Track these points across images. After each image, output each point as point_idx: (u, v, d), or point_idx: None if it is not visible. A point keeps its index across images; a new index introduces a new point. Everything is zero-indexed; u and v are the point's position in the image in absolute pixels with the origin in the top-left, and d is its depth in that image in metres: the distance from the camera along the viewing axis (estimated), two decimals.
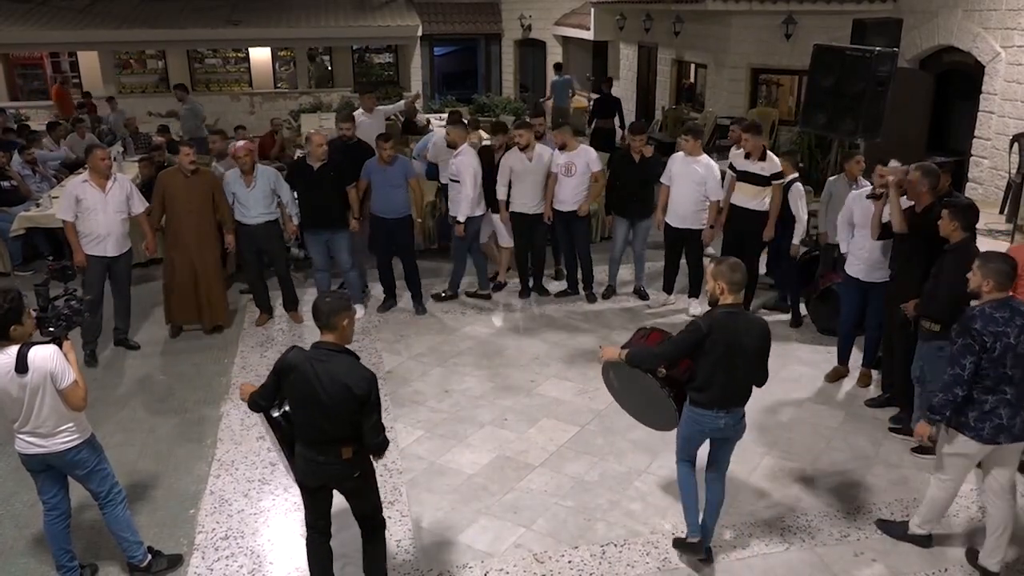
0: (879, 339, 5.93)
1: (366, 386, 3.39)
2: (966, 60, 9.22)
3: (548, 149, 7.50)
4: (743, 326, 3.82)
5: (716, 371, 3.81)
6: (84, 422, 3.85)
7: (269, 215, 6.94)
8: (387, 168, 7.12)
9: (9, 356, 3.54)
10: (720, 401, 3.87)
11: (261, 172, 6.89)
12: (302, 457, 3.57)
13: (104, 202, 6.28)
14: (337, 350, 3.46)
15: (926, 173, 5.17)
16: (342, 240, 7.14)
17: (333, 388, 3.36)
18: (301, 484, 3.68)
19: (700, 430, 3.99)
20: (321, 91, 19.88)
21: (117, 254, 6.45)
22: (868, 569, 4.22)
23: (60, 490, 3.94)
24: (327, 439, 3.47)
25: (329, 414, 3.40)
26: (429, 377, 6.33)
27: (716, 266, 3.85)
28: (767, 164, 6.91)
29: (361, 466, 3.59)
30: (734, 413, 3.94)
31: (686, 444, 4.12)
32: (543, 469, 5.10)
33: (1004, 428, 3.88)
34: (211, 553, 4.34)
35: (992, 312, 3.82)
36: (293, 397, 3.49)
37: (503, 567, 4.22)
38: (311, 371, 3.39)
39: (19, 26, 17.69)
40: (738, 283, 3.81)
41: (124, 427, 5.65)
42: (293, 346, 3.60)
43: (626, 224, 7.55)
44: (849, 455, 5.26)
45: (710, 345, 3.77)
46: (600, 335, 7.07)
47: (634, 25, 15.87)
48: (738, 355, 3.79)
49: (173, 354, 6.81)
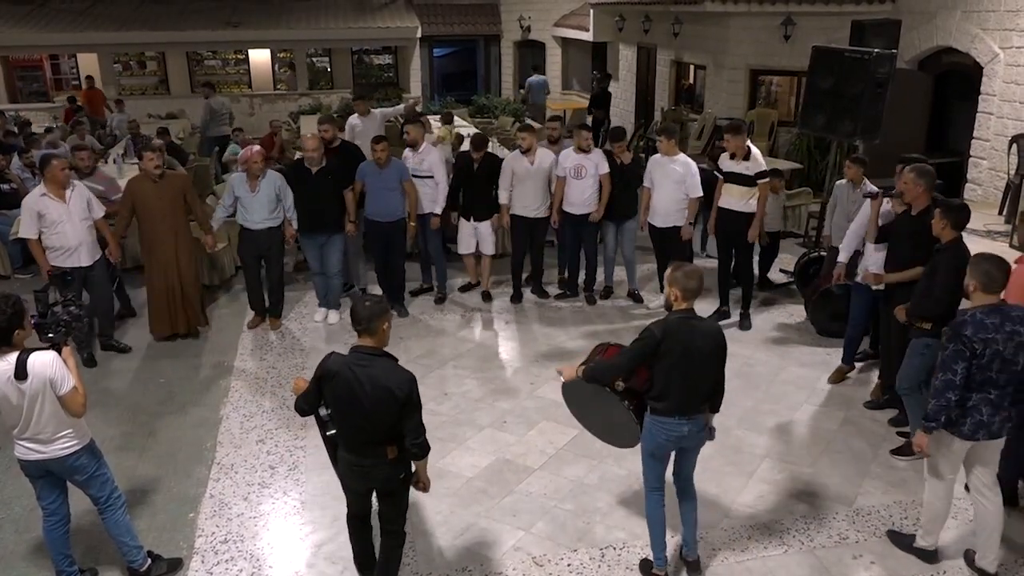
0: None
1: (407, 387, 3.43)
2: (965, 61, 9.22)
3: (550, 153, 7.51)
4: (698, 331, 3.77)
5: (672, 376, 3.74)
6: (83, 427, 3.85)
7: (272, 221, 6.93)
8: (382, 171, 7.13)
9: (8, 362, 3.54)
10: (680, 407, 3.79)
11: (268, 177, 6.88)
12: (346, 463, 3.62)
13: (68, 212, 6.13)
14: (377, 354, 3.50)
15: (920, 174, 5.18)
16: (336, 243, 7.16)
17: (375, 392, 3.40)
18: (345, 485, 3.75)
19: (664, 439, 3.88)
20: (321, 93, 19.89)
21: (91, 262, 6.35)
22: (866, 572, 4.22)
23: (59, 496, 3.94)
24: (371, 441, 3.52)
25: (371, 417, 3.44)
26: (428, 380, 6.33)
27: (672, 272, 3.80)
28: (751, 163, 6.91)
29: (405, 467, 3.66)
30: (695, 420, 3.86)
31: (652, 462, 4.00)
32: (542, 472, 5.10)
33: (983, 425, 3.94)
34: (211, 557, 4.34)
35: (983, 318, 3.83)
36: (335, 402, 3.52)
37: (502, 570, 4.23)
38: (352, 376, 3.42)
39: (19, 28, 17.70)
40: (693, 290, 3.75)
41: (123, 431, 5.65)
42: (332, 352, 3.60)
43: (613, 226, 7.59)
44: (848, 457, 5.27)
45: (665, 350, 3.71)
46: (599, 337, 7.08)
47: (633, 26, 15.88)
48: (694, 359, 3.73)
49: (172, 357, 6.81)
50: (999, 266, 3.88)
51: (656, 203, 7.29)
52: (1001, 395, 3.91)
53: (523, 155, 7.38)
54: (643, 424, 3.94)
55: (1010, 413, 3.97)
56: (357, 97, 9.75)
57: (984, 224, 7.25)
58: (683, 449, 4.00)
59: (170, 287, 6.80)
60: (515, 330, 7.31)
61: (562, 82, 20.01)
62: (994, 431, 3.96)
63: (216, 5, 19.21)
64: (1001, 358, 3.82)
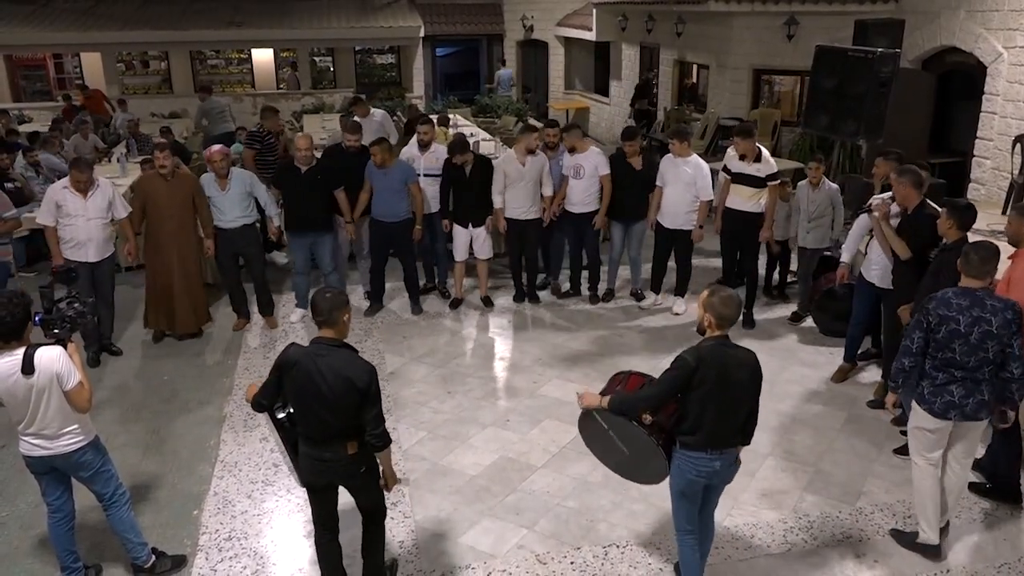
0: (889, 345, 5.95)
1: (367, 378, 3.44)
2: (968, 61, 9.21)
3: (542, 155, 7.42)
4: (733, 359, 3.53)
5: (707, 408, 3.49)
6: (88, 424, 3.86)
7: (246, 218, 6.90)
8: (386, 172, 7.13)
9: (15, 357, 3.56)
10: (713, 441, 3.54)
11: (236, 175, 6.86)
12: (307, 457, 3.59)
13: (84, 208, 6.22)
14: (337, 344, 3.51)
15: (901, 172, 5.26)
16: (326, 243, 7.15)
17: (335, 382, 3.40)
18: (308, 485, 3.70)
19: (695, 477, 3.62)
20: (324, 92, 19.91)
21: (99, 259, 6.38)
22: (870, 571, 4.22)
23: (64, 492, 3.95)
24: (331, 435, 3.50)
25: (332, 408, 3.43)
26: (431, 378, 6.34)
27: (708, 296, 3.55)
28: (762, 165, 6.91)
29: (366, 461, 3.63)
30: (727, 455, 3.62)
31: (682, 502, 3.74)
32: (545, 470, 5.11)
33: (955, 405, 4.04)
34: (215, 554, 4.35)
35: (952, 298, 3.96)
36: (295, 393, 3.50)
37: (505, 568, 4.23)
38: (312, 366, 3.42)
39: (22, 27, 17.73)
40: (728, 319, 3.51)
41: (128, 428, 5.67)
42: (292, 343, 3.62)
43: (621, 227, 7.58)
44: (851, 456, 5.27)
45: (699, 380, 3.46)
46: (602, 336, 7.08)
47: (636, 26, 15.88)
48: (729, 389, 3.50)
49: (176, 355, 6.82)
50: (979, 251, 3.99)
51: (667, 204, 7.25)
52: (973, 378, 3.99)
53: (517, 157, 7.30)
54: (671, 461, 3.69)
55: (988, 398, 4.03)
56: (355, 100, 9.76)
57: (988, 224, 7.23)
58: (711, 485, 3.73)
59: (169, 286, 6.78)
60: (518, 329, 7.32)
61: (565, 82, 20.01)
62: (968, 413, 4.04)
63: (219, 5, 19.23)
64: (964, 340, 3.91)
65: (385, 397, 5.94)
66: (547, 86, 20.38)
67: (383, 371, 6.44)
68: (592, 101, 18.80)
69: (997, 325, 3.89)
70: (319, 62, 21.36)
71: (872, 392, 6.03)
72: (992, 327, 3.89)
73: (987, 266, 3.98)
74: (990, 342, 3.91)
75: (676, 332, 7.18)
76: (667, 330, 7.24)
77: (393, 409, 5.82)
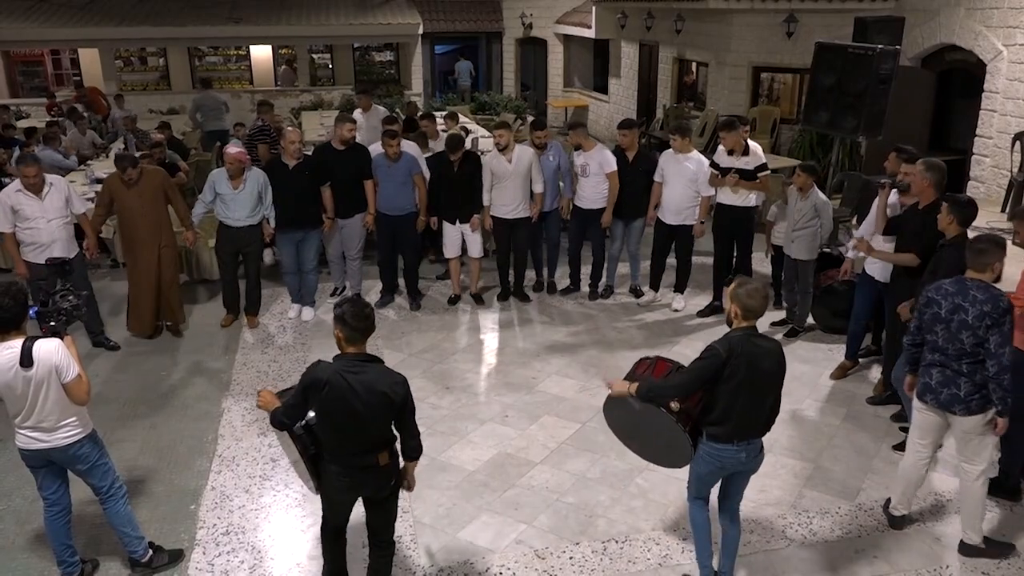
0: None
1: (402, 390, 3.38)
2: (968, 58, 9.21)
3: (528, 151, 7.35)
4: (761, 349, 3.56)
5: (737, 399, 3.53)
6: (86, 417, 3.85)
7: (253, 219, 6.82)
8: (392, 165, 7.10)
9: (13, 350, 3.54)
10: (740, 433, 3.59)
11: (252, 175, 6.78)
12: (337, 474, 3.48)
13: (43, 209, 6.06)
14: (367, 359, 3.40)
15: (929, 167, 5.18)
16: (312, 240, 7.11)
17: (370, 397, 3.30)
18: (329, 496, 3.61)
19: (719, 467, 3.69)
20: (322, 89, 19.88)
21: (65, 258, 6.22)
22: (869, 566, 4.22)
23: (60, 486, 3.93)
24: (363, 450, 3.43)
25: (366, 424, 3.35)
26: (430, 374, 6.33)
27: (735, 288, 3.59)
28: (751, 158, 6.91)
29: (396, 472, 3.59)
30: (753, 445, 3.68)
31: (700, 483, 3.83)
32: (544, 466, 5.09)
33: (931, 390, 4.14)
34: (212, 548, 4.34)
35: (945, 284, 4.06)
36: (327, 412, 3.36)
37: (504, 563, 4.22)
38: (345, 384, 3.29)
39: (20, 23, 17.69)
40: (754, 310, 3.54)
41: (125, 423, 5.65)
42: (318, 360, 3.43)
43: (621, 224, 7.56)
44: (850, 452, 5.26)
45: (730, 372, 3.49)
46: (601, 333, 7.07)
47: (635, 23, 15.87)
48: (758, 380, 3.53)
49: (174, 350, 6.80)
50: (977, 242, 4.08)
51: (668, 200, 7.24)
52: (952, 368, 4.03)
53: (500, 153, 7.22)
54: (697, 448, 3.72)
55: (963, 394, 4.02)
56: (361, 91, 9.67)
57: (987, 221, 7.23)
58: (736, 474, 3.79)
59: (153, 285, 6.69)
60: (516, 325, 7.30)
61: (564, 80, 19.99)
62: (942, 401, 4.11)
63: (218, 1, 19.20)
64: (945, 325, 4.01)
65: None
66: (546, 84, 20.36)
67: None
68: (591, 99, 18.79)
69: (972, 316, 3.91)
70: (318, 59, 21.33)
71: (872, 389, 6.02)
72: (968, 316, 3.92)
73: (983, 258, 3.99)
74: (965, 332, 3.95)
75: (674, 327, 7.17)
76: (665, 325, 7.23)
77: None
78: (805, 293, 6.87)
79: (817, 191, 6.62)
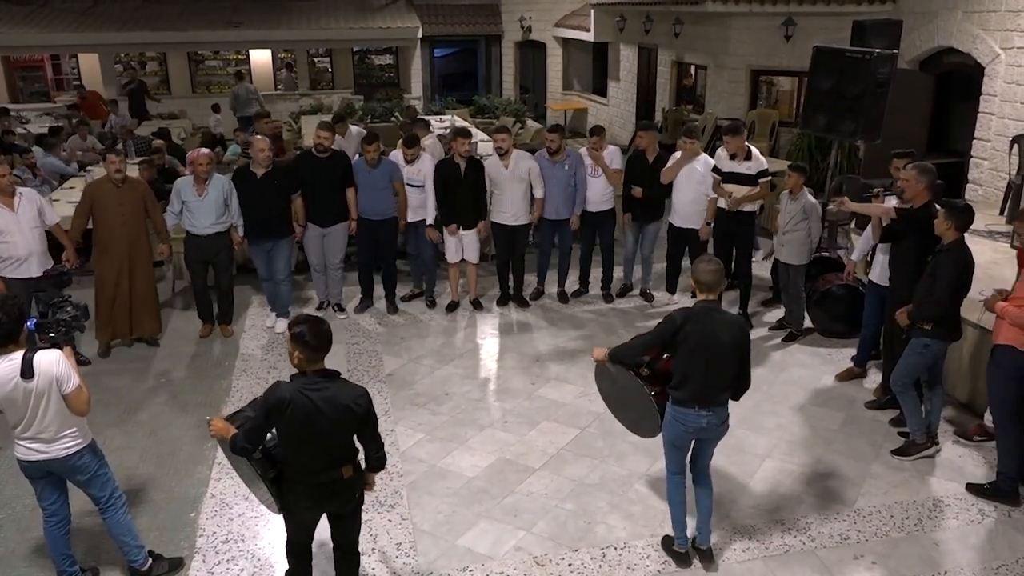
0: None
1: (365, 403, 3.39)
2: (966, 61, 9.22)
3: (527, 155, 7.34)
4: (719, 321, 3.90)
5: (692, 364, 3.86)
6: (85, 427, 3.85)
7: (220, 226, 6.72)
8: (372, 170, 7.12)
9: (13, 362, 3.54)
10: (700, 398, 3.90)
11: (215, 181, 6.69)
12: (302, 492, 3.47)
13: (16, 221, 5.93)
14: (327, 375, 3.38)
15: (922, 171, 5.21)
16: (283, 249, 7.02)
17: (334, 413, 3.30)
18: (292, 513, 3.57)
19: (684, 430, 4.00)
20: (322, 93, 19.89)
21: (41, 273, 5.85)
22: (867, 571, 4.22)
23: (60, 496, 3.93)
24: (326, 466, 3.41)
25: (331, 440, 3.35)
26: (429, 380, 6.33)
27: (695, 264, 4.02)
28: (752, 163, 6.93)
29: (359, 485, 3.59)
30: (717, 412, 3.97)
31: (672, 451, 4.13)
32: (543, 472, 5.10)
33: None
34: (212, 556, 4.34)
35: None
36: (291, 431, 3.34)
37: (503, 570, 4.22)
38: (308, 402, 3.27)
39: (20, 28, 17.70)
40: (705, 283, 3.91)
41: (125, 431, 5.66)
42: (278, 381, 3.41)
43: (637, 225, 7.56)
44: (849, 457, 5.26)
45: (683, 336, 3.85)
46: (600, 338, 7.08)
47: (634, 26, 15.88)
48: (713, 349, 3.84)
49: (174, 358, 6.81)
50: None
51: (677, 203, 7.27)
52: None
53: (500, 159, 7.21)
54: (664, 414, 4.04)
55: None
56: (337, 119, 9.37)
57: (985, 224, 7.26)
58: (702, 440, 4.10)
59: (120, 294, 6.59)
60: (516, 330, 7.31)
61: (563, 83, 20.00)
62: None
63: (217, 5, 19.21)
64: None
65: (383, 399, 5.98)
66: (545, 87, 20.36)
67: (381, 372, 6.44)
68: (590, 102, 18.80)
69: None
70: (317, 63, 21.34)
71: (871, 393, 6.03)
72: None
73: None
74: None
75: None
76: None
77: (391, 411, 5.82)
78: (796, 298, 6.86)
79: (807, 193, 6.61)
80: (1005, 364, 4.55)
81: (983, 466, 5.12)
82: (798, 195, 6.57)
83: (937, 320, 4.87)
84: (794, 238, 6.61)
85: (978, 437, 5.37)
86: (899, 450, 5.25)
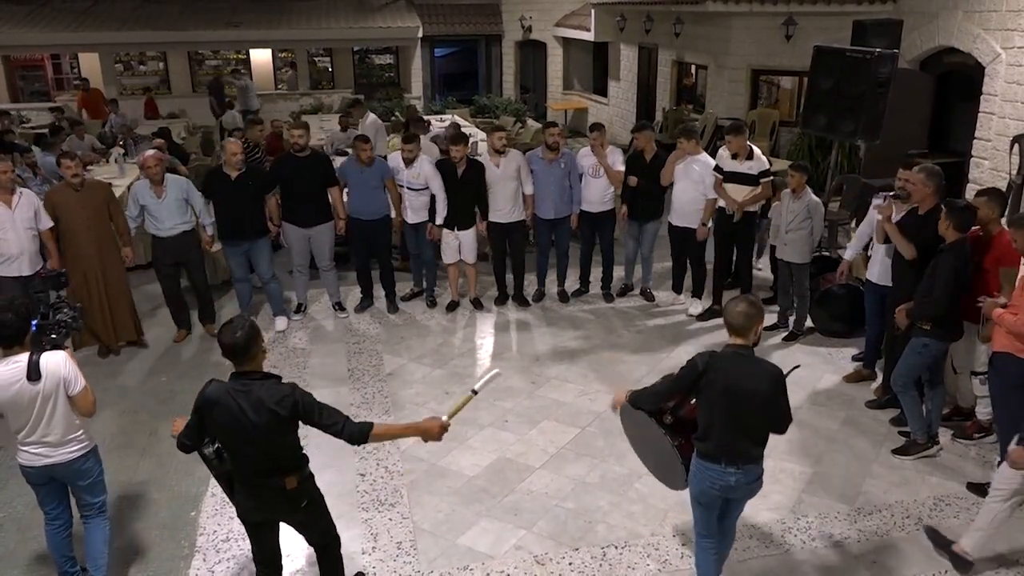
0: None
1: (289, 402, 3.23)
2: (966, 61, 9.21)
3: (518, 155, 7.36)
4: (747, 368, 3.44)
5: (713, 415, 3.48)
6: (89, 431, 3.84)
7: (184, 225, 6.67)
8: (364, 169, 7.11)
9: (18, 364, 3.52)
10: (726, 453, 3.48)
11: (172, 181, 6.64)
12: (243, 494, 3.42)
13: (12, 219, 5.93)
14: (257, 377, 3.30)
15: (930, 175, 5.17)
16: (262, 250, 6.97)
17: (259, 417, 3.19)
18: (245, 521, 3.52)
19: (709, 486, 3.56)
20: (322, 93, 19.90)
21: (32, 272, 6.03)
22: (867, 571, 4.22)
23: (62, 501, 3.91)
24: (265, 470, 3.32)
25: (261, 444, 3.25)
26: (430, 379, 6.34)
27: (726, 304, 3.61)
28: (754, 163, 6.93)
29: (308, 494, 3.46)
30: (746, 471, 3.52)
31: (699, 509, 3.70)
32: (544, 471, 5.10)
33: None
34: (212, 555, 4.35)
35: None
36: (220, 432, 3.30)
37: (504, 569, 4.23)
38: (234, 404, 3.21)
39: (20, 28, 17.71)
40: (734, 327, 3.48)
41: (125, 430, 5.66)
42: (211, 379, 3.36)
43: (636, 225, 7.57)
44: (849, 457, 5.26)
45: (705, 384, 3.46)
46: (600, 337, 7.08)
47: (634, 26, 15.89)
48: (739, 400, 3.42)
49: (174, 356, 6.82)
50: None
51: (677, 203, 7.28)
52: None
53: (490, 158, 7.22)
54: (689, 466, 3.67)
55: None
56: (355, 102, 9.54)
57: None
58: (730, 500, 3.68)
59: (93, 298, 6.47)
60: (516, 330, 7.31)
61: (563, 82, 20.01)
62: None
63: (217, 5, 19.21)
64: None
65: (384, 398, 6.00)
66: (546, 86, 20.38)
67: (381, 372, 6.44)
68: (591, 101, 18.81)
69: None
70: (318, 62, 21.35)
71: (872, 392, 6.03)
72: None
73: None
74: None
75: (673, 333, 7.17)
76: (664, 330, 7.24)
77: (392, 409, 5.82)
78: (802, 297, 6.85)
79: (810, 192, 6.62)
80: (1004, 371, 4.54)
81: (983, 466, 5.12)
82: (801, 194, 6.57)
83: (936, 320, 4.87)
84: (797, 237, 6.62)
85: (977, 435, 5.37)
86: (900, 450, 5.25)
